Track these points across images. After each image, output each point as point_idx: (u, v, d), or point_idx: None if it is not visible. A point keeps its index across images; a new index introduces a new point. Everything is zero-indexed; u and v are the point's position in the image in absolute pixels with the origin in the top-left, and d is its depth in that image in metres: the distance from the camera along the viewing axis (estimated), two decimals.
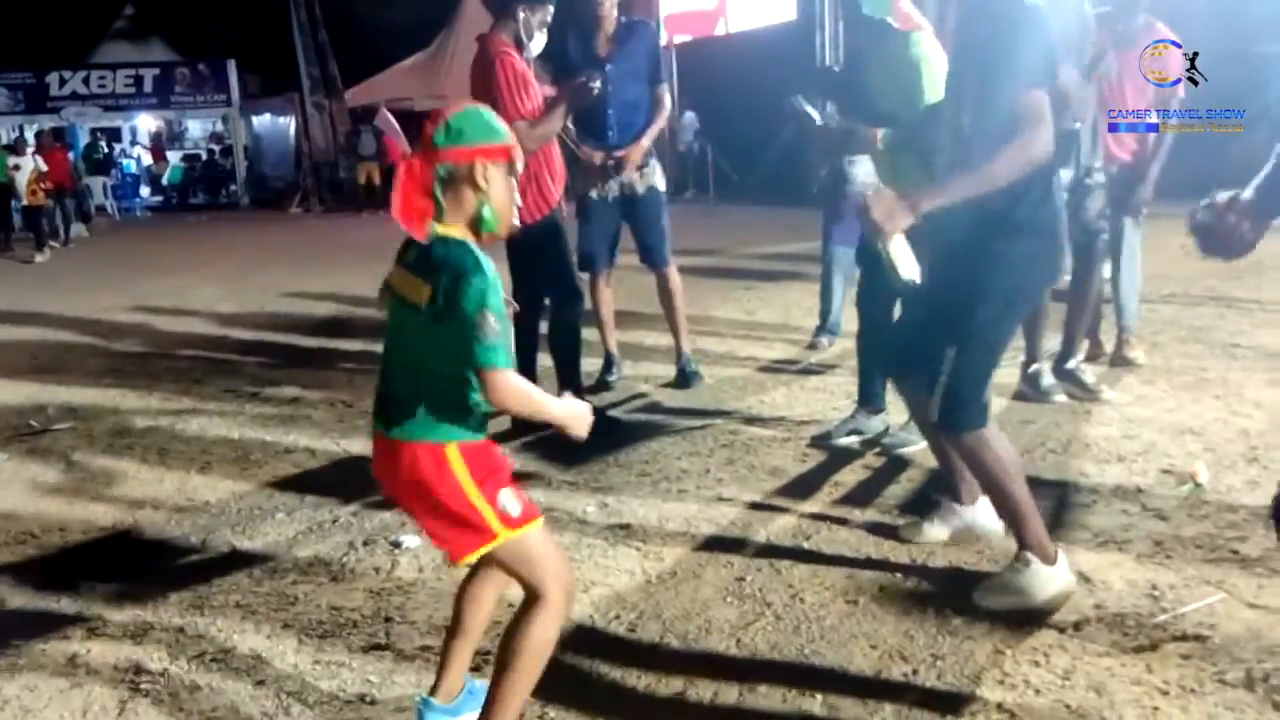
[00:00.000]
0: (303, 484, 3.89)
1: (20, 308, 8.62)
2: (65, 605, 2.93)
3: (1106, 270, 4.84)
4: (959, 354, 2.61)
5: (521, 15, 4.20)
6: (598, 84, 4.15)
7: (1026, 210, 2.57)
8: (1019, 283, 2.65)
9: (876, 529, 3.19)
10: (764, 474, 3.77)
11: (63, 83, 23.75)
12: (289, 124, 23.09)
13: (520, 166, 2.00)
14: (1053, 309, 4.59)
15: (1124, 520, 3.19)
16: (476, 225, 1.95)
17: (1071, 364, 4.57)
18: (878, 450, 3.93)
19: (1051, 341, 4.63)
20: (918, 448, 3.74)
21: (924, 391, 2.78)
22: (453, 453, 1.92)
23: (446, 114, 1.95)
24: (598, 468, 3.86)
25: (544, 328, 4.45)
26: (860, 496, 3.51)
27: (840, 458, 3.90)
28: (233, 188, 24.46)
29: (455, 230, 1.93)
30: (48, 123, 21.69)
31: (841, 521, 3.27)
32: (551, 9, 4.29)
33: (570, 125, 4.69)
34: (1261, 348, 5.17)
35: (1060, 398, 4.44)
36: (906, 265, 2.54)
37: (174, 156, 26.19)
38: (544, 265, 4.26)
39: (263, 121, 24.99)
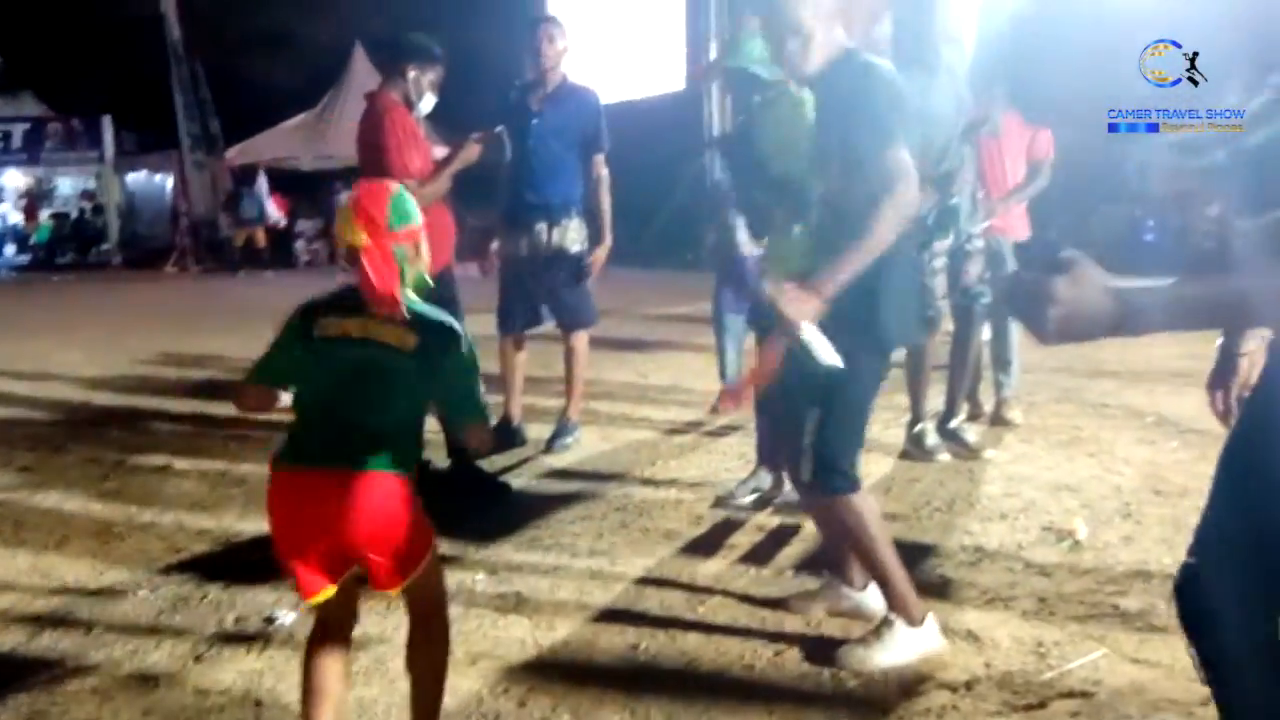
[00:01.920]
0: (169, 559, 3.65)
1: None
2: None
3: (986, 333, 5.03)
4: (823, 415, 2.60)
5: (411, 74, 4.15)
6: (481, 147, 4.09)
7: (880, 270, 2.50)
8: (875, 341, 2.64)
9: (771, 593, 3.16)
10: (658, 538, 3.72)
11: None
12: (166, 182, 22.38)
13: None
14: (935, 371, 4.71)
15: (1009, 578, 3.24)
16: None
17: (954, 423, 4.70)
18: (772, 510, 3.93)
19: (935, 401, 4.75)
20: None
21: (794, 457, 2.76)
22: (409, 482, 2.07)
23: (383, 198, 2.06)
24: (487, 535, 3.75)
25: None
26: (754, 559, 3.49)
27: (734, 519, 3.88)
28: (104, 247, 23.41)
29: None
30: None
31: (736, 586, 3.24)
32: (442, 70, 4.26)
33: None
34: (1129, 407, 5.41)
35: (944, 456, 4.54)
36: (824, 351, 2.44)
37: (42, 214, 25.04)
38: None
39: (138, 179, 24.14)
